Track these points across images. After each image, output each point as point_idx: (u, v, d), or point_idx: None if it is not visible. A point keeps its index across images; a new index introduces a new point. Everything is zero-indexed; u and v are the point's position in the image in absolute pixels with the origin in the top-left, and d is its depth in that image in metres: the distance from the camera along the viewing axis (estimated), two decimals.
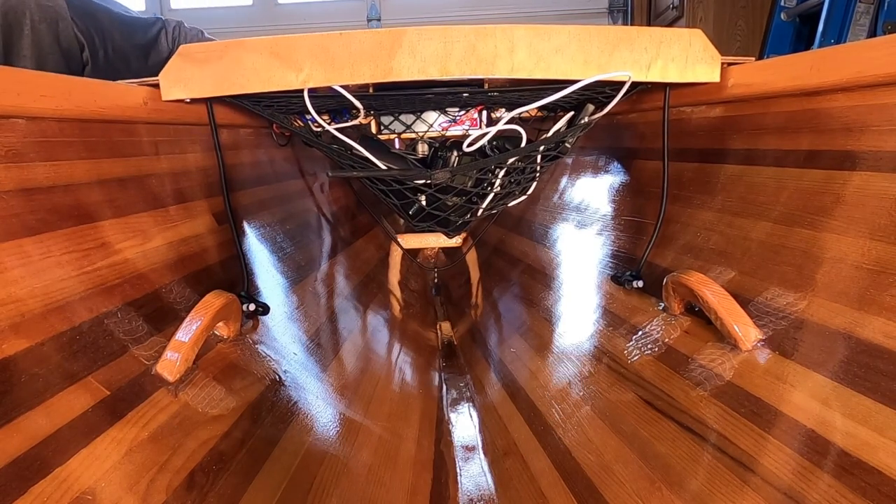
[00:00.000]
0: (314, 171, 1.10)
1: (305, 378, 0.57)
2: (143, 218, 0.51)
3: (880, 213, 0.42)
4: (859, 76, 0.43)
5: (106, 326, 0.42)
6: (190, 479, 0.36)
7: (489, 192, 0.80)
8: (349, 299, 0.87)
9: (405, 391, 0.68)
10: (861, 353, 0.37)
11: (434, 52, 0.57)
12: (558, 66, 0.58)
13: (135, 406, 0.39)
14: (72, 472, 0.31)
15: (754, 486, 0.35)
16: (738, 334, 0.46)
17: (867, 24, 1.46)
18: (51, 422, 0.33)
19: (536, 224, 1.03)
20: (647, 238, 0.67)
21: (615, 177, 0.87)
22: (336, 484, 0.44)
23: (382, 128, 1.01)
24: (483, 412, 0.62)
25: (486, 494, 0.47)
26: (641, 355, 0.54)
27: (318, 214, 1.03)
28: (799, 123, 0.52)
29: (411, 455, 0.53)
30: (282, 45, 0.57)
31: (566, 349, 0.65)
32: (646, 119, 0.79)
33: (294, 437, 0.47)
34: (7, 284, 0.36)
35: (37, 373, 0.35)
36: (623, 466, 0.43)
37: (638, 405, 0.48)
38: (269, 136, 0.92)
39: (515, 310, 0.86)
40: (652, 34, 0.58)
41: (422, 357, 0.80)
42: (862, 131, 0.45)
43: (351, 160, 0.76)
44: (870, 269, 0.40)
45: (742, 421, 0.40)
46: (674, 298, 0.55)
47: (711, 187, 0.63)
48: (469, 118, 0.99)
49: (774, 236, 0.51)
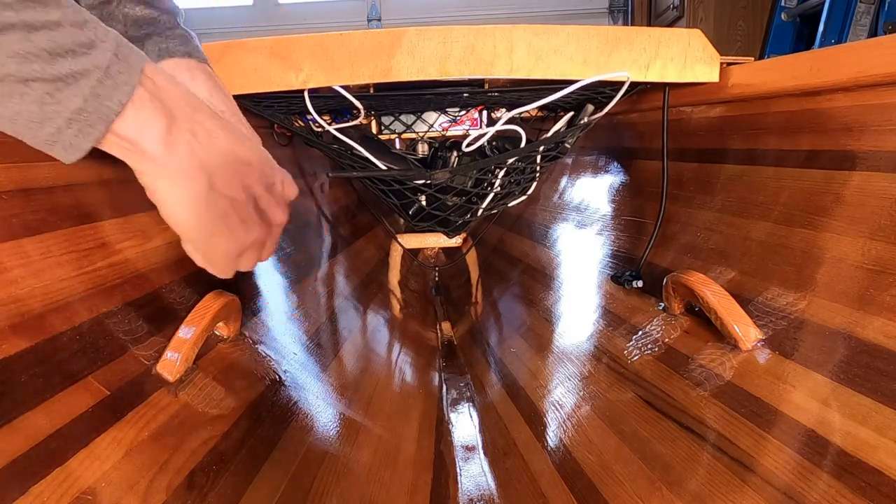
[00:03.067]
0: (314, 171, 1.10)
1: (305, 378, 0.57)
2: (143, 218, 0.51)
3: (880, 213, 0.42)
4: (859, 76, 0.43)
5: (106, 326, 0.42)
6: (190, 479, 0.36)
7: (489, 192, 0.80)
8: (349, 299, 0.87)
9: (405, 391, 0.68)
10: (861, 353, 0.37)
11: (433, 53, 0.57)
12: (557, 66, 0.58)
13: (135, 406, 0.39)
14: (72, 472, 0.31)
15: (754, 486, 0.35)
16: (738, 334, 0.46)
17: (868, 24, 1.46)
18: (51, 422, 0.33)
19: (536, 224, 1.03)
20: (646, 238, 0.67)
21: (615, 177, 0.87)
22: (336, 484, 0.44)
23: (383, 128, 1.01)
24: (483, 412, 0.62)
25: (486, 494, 0.47)
26: (641, 355, 0.54)
27: (318, 214, 1.03)
28: (799, 123, 0.52)
29: (411, 455, 0.53)
30: (282, 46, 0.57)
31: (566, 349, 0.65)
32: (645, 119, 0.79)
33: (294, 437, 0.47)
34: (7, 284, 0.36)
35: (37, 373, 0.35)
36: (623, 466, 0.43)
37: (638, 405, 0.48)
38: (270, 136, 0.92)
39: (515, 310, 0.86)
40: (651, 34, 0.58)
41: (422, 357, 0.80)
42: (862, 131, 0.45)
43: (351, 160, 0.76)
44: (870, 269, 0.40)
45: (742, 421, 0.40)
46: (674, 298, 0.55)
47: (711, 187, 0.63)
48: (469, 118, 0.99)
49: (774, 236, 0.51)
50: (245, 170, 0.35)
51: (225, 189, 0.33)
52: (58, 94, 0.26)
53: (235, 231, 0.35)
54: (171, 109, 0.31)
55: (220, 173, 0.33)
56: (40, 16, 0.25)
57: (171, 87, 0.31)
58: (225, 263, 0.36)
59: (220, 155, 0.33)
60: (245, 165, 0.35)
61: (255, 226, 0.36)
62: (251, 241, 0.36)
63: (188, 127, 0.32)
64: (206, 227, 0.34)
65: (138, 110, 0.29)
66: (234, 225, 0.35)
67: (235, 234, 0.35)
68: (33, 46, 0.25)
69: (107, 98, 0.27)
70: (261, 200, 0.36)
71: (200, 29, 1.83)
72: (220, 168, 0.33)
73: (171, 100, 0.31)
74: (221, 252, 0.35)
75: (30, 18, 0.25)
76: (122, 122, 0.28)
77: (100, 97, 0.27)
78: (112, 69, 0.28)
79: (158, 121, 0.30)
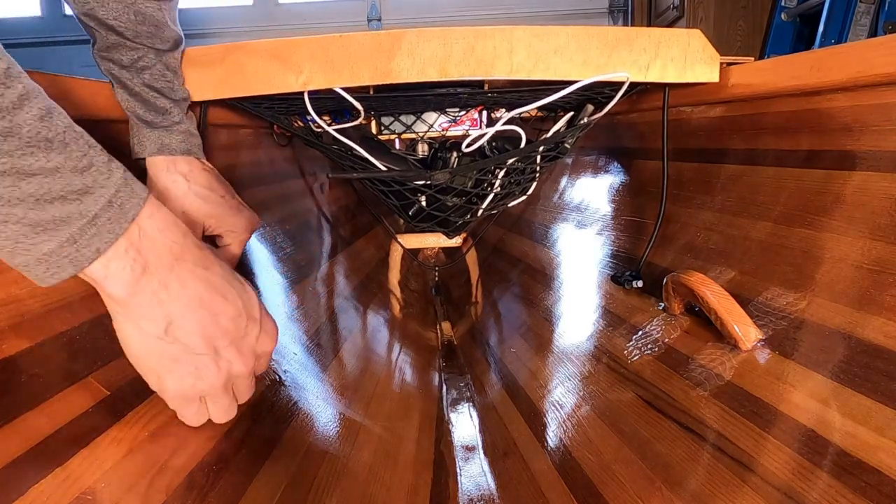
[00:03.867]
0: (314, 171, 1.10)
1: (305, 378, 0.57)
2: None
3: (880, 213, 0.42)
4: (859, 76, 0.43)
5: (106, 326, 0.42)
6: (190, 479, 0.36)
7: (489, 192, 0.80)
8: (349, 299, 0.87)
9: (405, 391, 0.68)
10: (861, 353, 0.37)
11: (433, 54, 0.57)
12: (557, 66, 0.58)
13: (135, 406, 0.39)
14: (72, 472, 0.31)
15: (754, 486, 0.35)
16: (738, 334, 0.46)
17: (868, 24, 1.46)
18: (51, 422, 0.33)
19: (536, 224, 1.03)
20: (646, 238, 0.67)
21: (615, 177, 0.87)
22: (336, 484, 0.44)
23: (383, 128, 1.01)
24: (483, 412, 0.62)
25: (486, 494, 0.47)
26: (641, 355, 0.54)
27: (318, 214, 1.03)
28: (799, 123, 0.52)
29: (411, 455, 0.53)
30: (281, 48, 0.57)
31: (566, 349, 0.65)
32: (645, 119, 0.79)
33: (294, 436, 0.47)
34: (7, 284, 0.36)
35: (37, 373, 0.35)
36: (623, 466, 0.43)
37: (638, 405, 0.48)
38: (270, 137, 0.92)
39: (515, 310, 0.86)
40: (651, 34, 0.58)
41: (422, 357, 0.80)
42: (862, 131, 0.45)
43: (351, 161, 0.76)
44: (870, 269, 0.40)
45: (742, 421, 0.40)
46: (674, 298, 0.55)
47: (711, 187, 0.63)
48: (469, 118, 0.99)
49: (774, 236, 0.51)
50: (211, 321, 0.35)
51: (182, 336, 0.34)
52: (33, 238, 0.26)
53: (184, 377, 0.35)
54: (147, 260, 0.31)
55: (180, 323, 0.34)
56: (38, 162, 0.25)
57: (157, 235, 0.32)
58: (178, 405, 0.38)
59: (186, 306, 0.34)
60: (212, 317, 0.35)
61: (209, 374, 0.36)
62: (205, 388, 0.37)
63: (160, 278, 0.32)
64: (154, 368, 0.35)
65: (110, 260, 0.29)
66: (184, 371, 0.35)
67: (184, 379, 0.35)
68: (20, 192, 0.25)
69: (84, 245, 0.28)
70: (222, 351, 0.37)
71: (200, 29, 1.83)
72: (181, 318, 0.34)
73: (152, 250, 0.32)
74: (171, 394, 0.36)
75: (25, 165, 0.25)
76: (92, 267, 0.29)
77: (77, 244, 0.27)
78: (100, 217, 0.28)
79: (126, 272, 0.30)
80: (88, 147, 0.29)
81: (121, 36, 0.46)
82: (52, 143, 0.26)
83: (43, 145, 0.26)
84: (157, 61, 0.49)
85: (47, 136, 0.26)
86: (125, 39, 0.46)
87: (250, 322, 0.39)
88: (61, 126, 0.27)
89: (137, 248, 0.31)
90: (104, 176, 0.29)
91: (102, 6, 0.44)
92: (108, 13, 0.44)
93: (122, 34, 0.46)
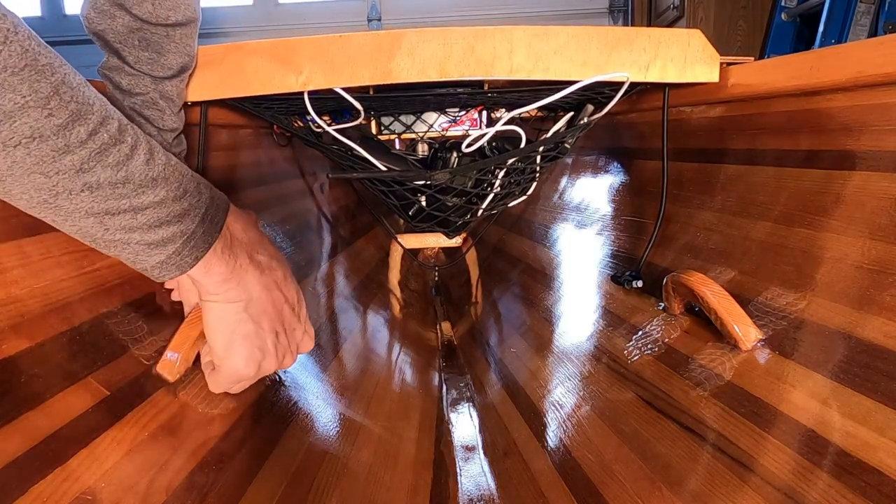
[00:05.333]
0: (314, 171, 1.10)
1: (305, 378, 0.57)
2: None
3: (880, 213, 0.42)
4: (859, 76, 0.43)
5: (106, 326, 0.42)
6: (190, 479, 0.36)
7: (489, 192, 0.80)
8: (349, 299, 0.87)
9: (405, 391, 0.68)
10: (861, 353, 0.37)
11: (433, 54, 0.57)
12: (557, 66, 0.58)
13: (135, 406, 0.39)
14: (72, 472, 0.31)
15: (754, 486, 0.35)
16: (738, 334, 0.46)
17: (868, 24, 1.46)
18: (50, 422, 0.33)
19: (536, 224, 1.03)
20: (646, 238, 0.67)
21: (615, 177, 0.87)
22: (336, 484, 0.44)
23: (382, 128, 1.01)
24: (483, 412, 0.62)
25: (486, 494, 0.47)
26: (641, 355, 0.54)
27: (318, 214, 1.03)
28: (799, 123, 0.52)
29: (411, 455, 0.53)
30: (281, 48, 0.57)
31: (566, 349, 0.65)
32: (645, 119, 0.79)
33: (294, 437, 0.47)
34: (7, 284, 0.36)
35: (37, 373, 0.35)
36: (623, 466, 0.43)
37: (638, 405, 0.48)
38: (270, 137, 0.92)
39: (515, 310, 0.86)
40: (650, 34, 0.58)
41: (422, 357, 0.80)
42: (862, 131, 0.45)
43: (351, 161, 0.76)
44: (870, 269, 0.40)
45: (742, 421, 0.40)
46: (674, 298, 0.55)
47: (711, 187, 0.63)
48: (469, 118, 0.99)
49: (774, 236, 0.51)
50: (277, 306, 0.42)
51: (255, 315, 0.40)
52: (149, 252, 0.33)
53: (251, 355, 0.40)
54: (237, 255, 0.39)
55: (256, 301, 0.40)
56: (148, 198, 0.32)
57: (242, 235, 0.40)
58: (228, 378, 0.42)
59: (263, 288, 0.40)
60: (278, 303, 0.42)
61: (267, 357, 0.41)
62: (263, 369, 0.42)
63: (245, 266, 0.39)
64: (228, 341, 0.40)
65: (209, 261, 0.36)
66: (252, 347, 0.40)
67: (251, 357, 0.40)
68: (137, 223, 0.32)
69: (187, 255, 0.35)
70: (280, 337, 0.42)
71: (200, 29, 1.82)
72: (258, 298, 0.40)
73: (240, 246, 0.39)
74: (232, 369, 0.41)
75: (138, 203, 0.31)
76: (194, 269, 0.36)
77: (181, 255, 0.34)
78: (197, 232, 0.35)
79: (222, 267, 0.37)
80: (182, 176, 0.34)
81: (122, 61, 0.46)
82: (156, 181, 0.32)
83: (150, 184, 0.32)
84: (153, 88, 0.49)
85: (153, 175, 0.32)
86: (125, 65, 0.47)
87: (301, 320, 0.45)
88: (161, 164, 0.33)
89: (230, 248, 0.38)
90: (195, 198, 0.35)
91: (111, 30, 0.45)
92: (115, 37, 0.45)
93: (124, 59, 0.46)
